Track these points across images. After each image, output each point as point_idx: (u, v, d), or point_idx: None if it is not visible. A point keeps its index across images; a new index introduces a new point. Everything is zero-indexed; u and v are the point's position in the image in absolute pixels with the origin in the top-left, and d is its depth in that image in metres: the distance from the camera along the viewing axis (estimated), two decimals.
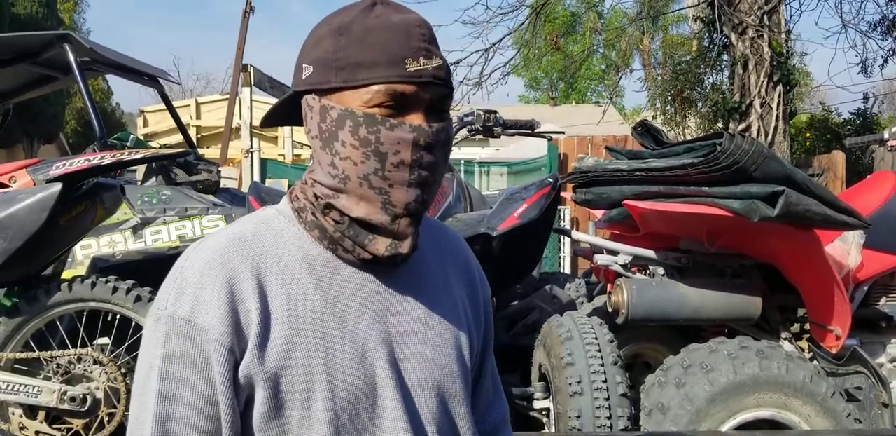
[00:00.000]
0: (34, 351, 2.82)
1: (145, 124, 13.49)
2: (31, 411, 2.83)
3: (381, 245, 0.98)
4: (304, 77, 0.99)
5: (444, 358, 1.05)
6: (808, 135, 12.37)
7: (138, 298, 2.85)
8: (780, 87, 7.10)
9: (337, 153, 0.96)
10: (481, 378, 1.21)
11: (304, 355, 0.95)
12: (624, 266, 2.93)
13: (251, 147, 8.28)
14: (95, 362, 2.81)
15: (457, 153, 9.04)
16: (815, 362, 2.80)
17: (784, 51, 7.16)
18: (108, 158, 2.85)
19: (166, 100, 4.85)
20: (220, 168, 4.29)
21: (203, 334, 0.92)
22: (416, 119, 0.95)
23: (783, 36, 7.23)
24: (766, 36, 7.03)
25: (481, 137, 3.32)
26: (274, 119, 1.11)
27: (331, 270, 1.00)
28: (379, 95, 0.94)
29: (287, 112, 1.08)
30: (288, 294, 0.97)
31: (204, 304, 0.93)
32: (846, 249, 2.96)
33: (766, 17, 7.10)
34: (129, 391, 2.79)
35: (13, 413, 2.81)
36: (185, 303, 0.93)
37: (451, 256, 1.15)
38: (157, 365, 0.93)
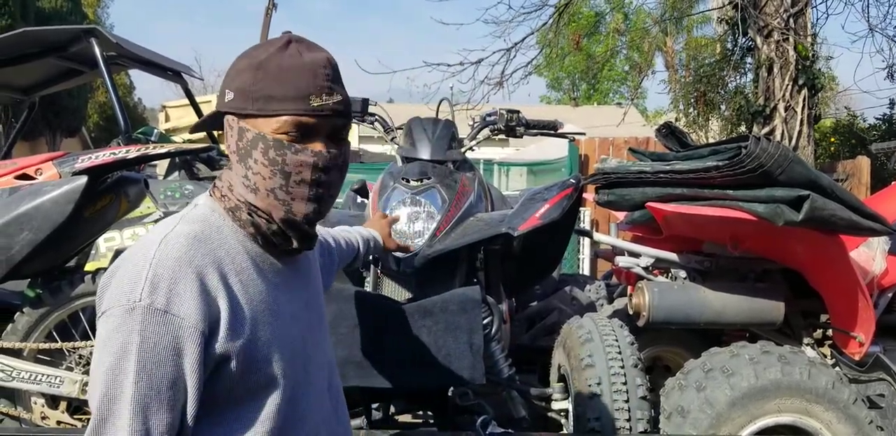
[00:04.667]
0: (57, 342, 2.84)
1: (167, 119, 13.55)
2: (52, 400, 2.86)
3: (298, 240, 1.22)
4: (226, 100, 1.18)
5: (322, 313, 1.37)
6: (832, 140, 12.25)
7: None
8: (804, 91, 7.02)
9: (250, 168, 1.17)
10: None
11: (262, 330, 1.15)
12: (645, 269, 2.91)
13: None
14: None
15: (477, 153, 9.01)
16: (837, 368, 2.77)
17: (809, 54, 7.08)
18: (132, 152, 2.87)
19: (189, 95, 4.88)
20: None
21: (179, 323, 1.06)
22: (317, 145, 1.16)
23: (809, 39, 7.16)
24: (791, 39, 6.96)
25: (503, 136, 3.31)
26: (200, 128, 1.35)
27: (263, 258, 1.21)
28: (286, 125, 1.14)
29: (214, 124, 1.26)
30: (242, 282, 1.15)
31: (179, 296, 1.07)
32: (871, 255, 2.93)
33: (791, 20, 7.02)
34: None
35: (35, 403, 2.84)
36: (160, 296, 1.06)
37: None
38: (133, 350, 1.05)
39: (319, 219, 1.22)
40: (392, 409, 2.62)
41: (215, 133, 7.61)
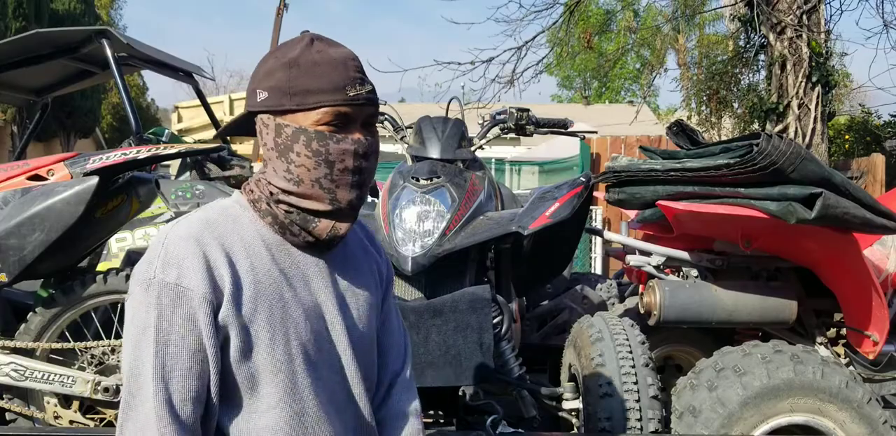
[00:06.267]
0: (69, 342, 2.86)
1: (179, 120, 13.61)
2: (65, 400, 2.87)
3: (324, 229, 1.25)
4: (258, 100, 1.23)
5: (365, 317, 1.34)
6: (847, 137, 12.16)
7: None
8: (818, 88, 6.97)
9: (292, 162, 1.22)
10: (388, 338, 1.47)
11: (266, 311, 1.19)
12: (657, 267, 2.90)
13: None
14: None
15: (487, 152, 9.01)
16: (851, 367, 2.75)
17: (823, 51, 7.02)
18: (143, 152, 2.88)
19: (201, 95, 4.89)
20: (252, 164, 4.32)
21: (189, 294, 1.14)
22: (356, 134, 1.22)
23: (822, 36, 7.10)
24: (804, 36, 6.91)
25: (513, 135, 3.30)
26: (228, 132, 1.40)
27: (281, 248, 1.25)
28: (327, 115, 1.20)
29: (241, 126, 1.33)
30: (251, 264, 1.21)
31: (187, 270, 1.14)
32: (885, 254, 2.91)
33: (805, 17, 6.97)
34: None
35: (48, 402, 2.85)
36: (171, 271, 1.14)
37: (365, 236, 1.45)
38: (152, 324, 1.13)
39: (361, 204, 1.27)
40: None
41: None
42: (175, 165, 4.74)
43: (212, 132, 10.61)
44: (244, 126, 1.31)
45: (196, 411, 1.15)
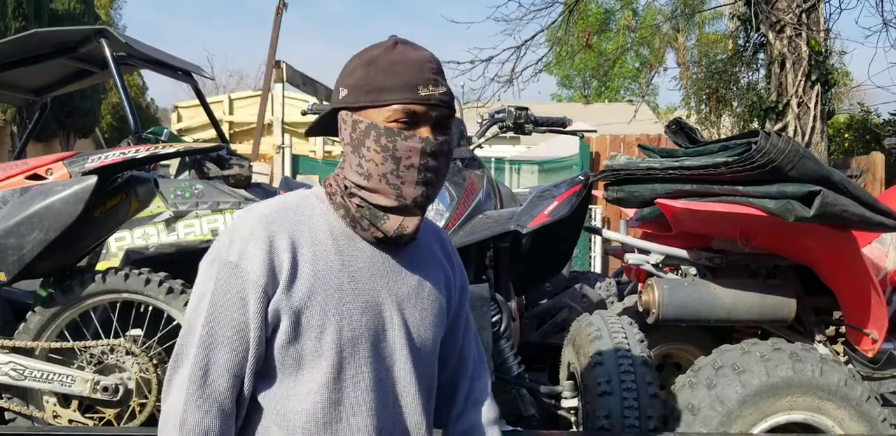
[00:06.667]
0: (68, 341, 2.86)
1: (179, 119, 13.62)
2: (64, 399, 2.87)
3: (391, 226, 1.28)
4: (340, 97, 1.30)
5: (429, 320, 1.36)
6: (846, 135, 12.16)
7: (170, 290, 2.87)
8: (818, 87, 6.96)
9: (363, 156, 1.26)
10: (462, 350, 1.49)
11: (321, 300, 1.25)
12: (655, 266, 2.90)
13: (283, 143, 8.32)
14: (128, 353, 2.85)
15: (487, 151, 9.01)
16: (850, 365, 2.75)
17: (822, 49, 7.02)
18: (142, 151, 2.88)
19: (200, 95, 4.89)
20: (251, 163, 4.31)
21: (245, 275, 1.22)
22: (424, 132, 1.26)
23: (822, 34, 7.10)
24: (804, 34, 6.91)
25: (512, 134, 3.30)
26: (315, 131, 1.42)
27: (349, 241, 1.30)
28: (396, 113, 1.24)
29: (325, 125, 1.37)
30: (314, 253, 1.26)
31: (248, 253, 1.22)
32: (884, 252, 2.91)
33: (804, 16, 6.96)
34: (160, 382, 2.82)
35: (47, 402, 2.85)
36: (235, 251, 1.23)
37: (439, 245, 1.46)
38: (208, 295, 1.23)
39: (427, 203, 1.30)
40: None
41: (225, 133, 7.62)
42: (174, 164, 4.73)
43: (211, 132, 10.60)
44: (330, 125, 1.36)
45: (231, 383, 1.23)
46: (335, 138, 1.44)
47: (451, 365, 1.48)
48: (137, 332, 2.94)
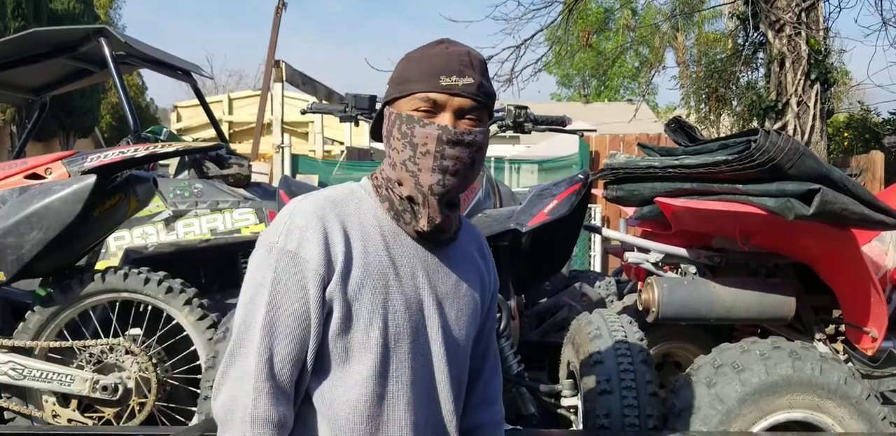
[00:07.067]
0: (68, 340, 2.86)
1: (178, 119, 13.63)
2: (63, 399, 2.87)
3: (424, 220, 1.29)
4: (385, 93, 1.33)
5: (464, 320, 1.38)
6: (846, 134, 12.16)
7: (169, 290, 2.87)
8: (817, 86, 6.96)
9: (391, 146, 1.29)
10: (486, 348, 1.50)
11: (370, 293, 1.25)
12: (655, 264, 2.89)
13: (282, 143, 8.33)
14: (127, 352, 2.85)
15: (487, 150, 8.96)
16: (849, 363, 2.74)
17: (822, 48, 7.02)
18: (141, 150, 2.88)
19: (199, 94, 4.89)
20: (251, 163, 4.31)
21: (305, 264, 1.22)
22: (444, 120, 1.26)
23: (821, 33, 7.09)
24: (803, 33, 6.90)
25: (512, 133, 3.30)
26: (376, 133, 1.39)
27: (395, 237, 1.31)
28: (418, 101, 1.26)
29: (381, 123, 1.37)
30: (364, 247, 1.27)
31: (307, 242, 1.23)
32: (884, 250, 2.90)
33: (803, 14, 6.96)
34: (159, 381, 2.82)
35: (46, 401, 2.86)
36: (293, 240, 1.23)
37: (476, 246, 1.47)
38: (268, 284, 1.22)
39: (447, 193, 1.28)
40: None
41: (225, 133, 7.61)
42: (173, 163, 4.74)
43: (211, 132, 10.61)
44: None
45: (293, 373, 1.23)
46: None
47: (476, 363, 1.49)
48: (137, 331, 2.95)
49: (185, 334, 2.91)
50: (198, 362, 2.90)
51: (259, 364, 1.21)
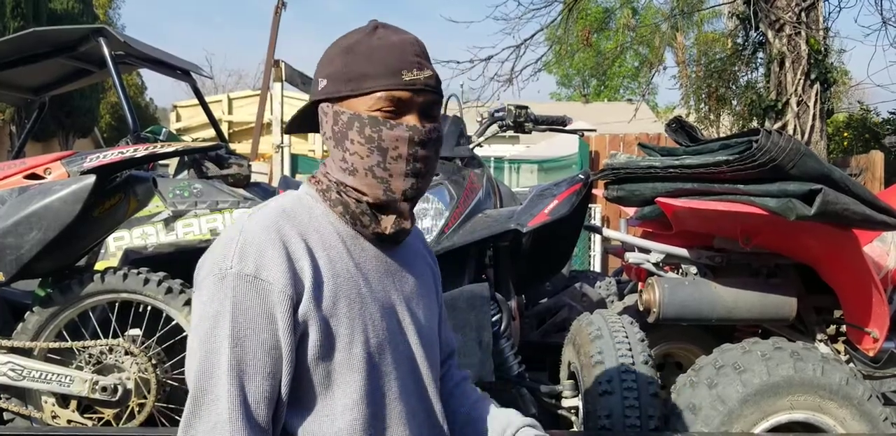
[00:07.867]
0: (67, 341, 2.85)
1: (178, 119, 13.61)
2: (63, 400, 2.86)
3: (388, 223, 1.21)
4: (319, 89, 1.20)
5: (431, 316, 1.32)
6: (846, 134, 12.17)
7: (169, 290, 2.87)
8: (817, 86, 6.96)
9: (347, 150, 1.17)
10: (443, 332, 1.46)
11: (346, 307, 1.15)
12: (656, 265, 2.89)
13: (282, 142, 8.32)
14: (127, 353, 2.84)
15: (487, 150, 9.00)
16: (851, 364, 2.74)
17: (822, 48, 7.01)
18: (141, 150, 2.87)
19: (198, 94, 4.88)
20: (250, 162, 4.30)
21: (268, 287, 1.08)
22: (411, 120, 1.16)
23: (821, 33, 7.09)
24: (803, 33, 6.90)
25: (512, 132, 3.30)
26: (295, 126, 1.31)
27: (354, 241, 1.21)
28: (381, 101, 1.15)
29: (306, 119, 1.28)
30: (329, 257, 1.16)
31: (267, 260, 1.09)
32: (885, 250, 2.90)
33: (803, 14, 6.96)
34: (159, 382, 2.81)
35: (46, 402, 2.85)
36: (249, 262, 1.08)
37: (419, 238, 1.42)
38: (227, 316, 1.07)
39: (418, 196, 1.21)
40: None
41: (224, 133, 7.60)
42: (173, 163, 4.73)
43: (210, 132, 10.59)
44: (311, 119, 1.26)
45: (269, 412, 1.09)
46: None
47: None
48: (136, 332, 2.94)
49: (184, 334, 2.91)
50: None
51: (232, 412, 1.04)
